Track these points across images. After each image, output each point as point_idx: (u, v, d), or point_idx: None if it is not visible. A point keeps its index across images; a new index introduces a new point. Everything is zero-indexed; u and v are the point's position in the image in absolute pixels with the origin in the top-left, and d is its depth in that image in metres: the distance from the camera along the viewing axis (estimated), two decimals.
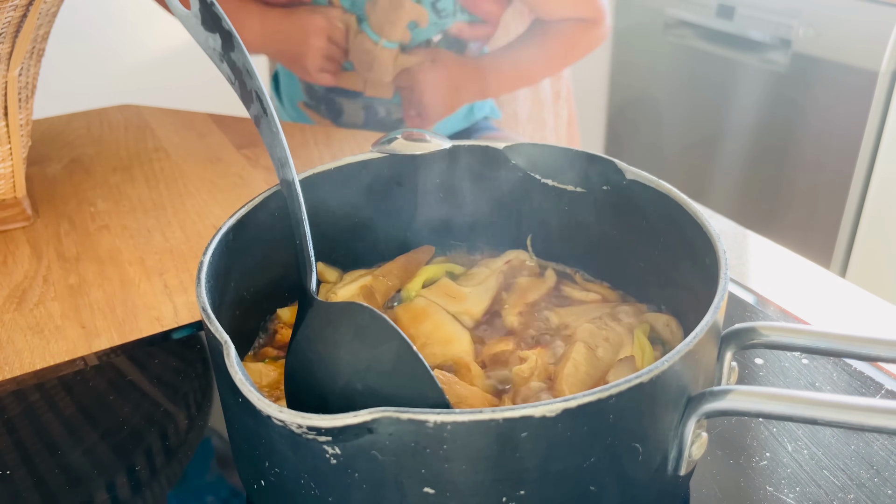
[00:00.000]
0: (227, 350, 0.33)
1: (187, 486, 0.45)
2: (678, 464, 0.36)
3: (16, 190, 0.75)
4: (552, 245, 0.54)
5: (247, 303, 0.47)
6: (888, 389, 0.50)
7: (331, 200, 0.51)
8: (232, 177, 0.85)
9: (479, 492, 0.32)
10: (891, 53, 1.46)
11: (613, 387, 0.31)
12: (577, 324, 0.48)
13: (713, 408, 0.34)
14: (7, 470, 0.46)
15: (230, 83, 0.43)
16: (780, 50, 1.66)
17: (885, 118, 1.50)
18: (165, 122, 0.99)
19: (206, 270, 0.40)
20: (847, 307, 0.61)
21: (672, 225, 0.45)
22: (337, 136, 0.95)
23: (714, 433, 0.46)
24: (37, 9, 0.65)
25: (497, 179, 0.53)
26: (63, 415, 0.51)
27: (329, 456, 0.31)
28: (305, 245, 0.42)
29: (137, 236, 0.73)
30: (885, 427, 0.32)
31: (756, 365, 0.53)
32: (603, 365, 0.45)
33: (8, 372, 0.55)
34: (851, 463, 0.44)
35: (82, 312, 0.62)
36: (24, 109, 0.74)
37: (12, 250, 0.72)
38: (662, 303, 0.49)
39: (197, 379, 0.54)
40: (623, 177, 0.48)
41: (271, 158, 0.43)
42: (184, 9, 0.42)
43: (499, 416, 0.30)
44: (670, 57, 1.92)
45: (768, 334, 0.39)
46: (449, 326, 0.48)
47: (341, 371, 0.37)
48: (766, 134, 1.72)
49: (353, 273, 0.54)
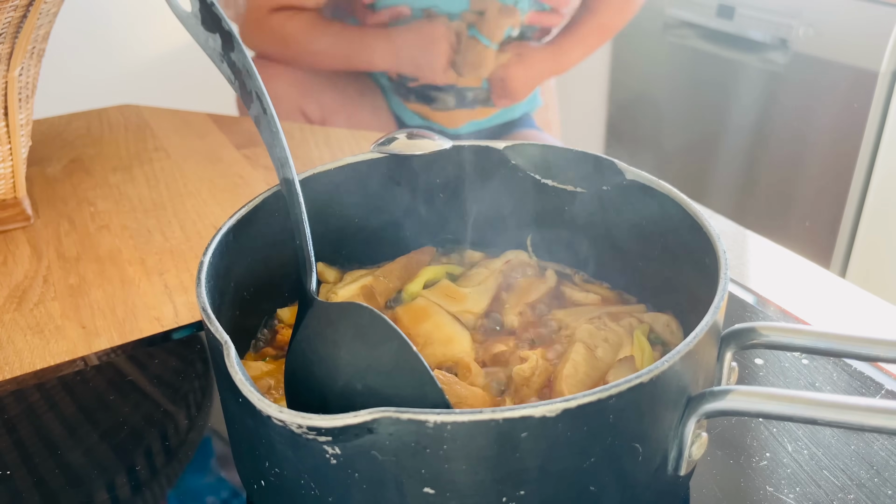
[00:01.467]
0: (227, 350, 0.34)
1: (187, 486, 0.45)
2: (678, 464, 0.36)
3: (16, 190, 0.75)
4: (552, 245, 0.54)
5: (247, 303, 0.47)
6: (888, 389, 0.50)
7: (331, 200, 0.51)
8: (232, 177, 0.85)
9: (479, 492, 0.32)
10: (891, 53, 1.46)
11: (613, 387, 0.31)
12: (577, 324, 0.48)
13: (713, 408, 0.34)
14: (7, 470, 0.46)
15: (230, 83, 0.43)
16: (779, 50, 1.66)
17: (885, 118, 1.50)
18: (165, 122, 0.99)
19: (206, 270, 0.40)
20: (847, 307, 0.61)
21: (672, 225, 0.45)
22: (337, 136, 0.95)
23: (714, 433, 0.46)
24: (37, 9, 0.65)
25: (497, 180, 0.53)
26: (63, 415, 0.51)
27: (329, 456, 0.31)
28: (305, 245, 0.42)
29: (137, 236, 0.73)
30: (885, 427, 0.32)
31: (756, 365, 0.53)
32: (602, 365, 0.45)
33: (8, 372, 0.55)
34: (851, 463, 0.44)
35: (82, 312, 0.62)
36: (24, 109, 0.74)
37: (12, 250, 0.72)
38: (662, 303, 0.49)
39: (197, 379, 0.54)
40: (623, 177, 0.48)
41: (271, 158, 0.43)
42: (184, 9, 0.42)
43: (499, 416, 0.30)
44: (670, 57, 1.92)
45: (768, 334, 0.39)
46: (449, 326, 0.48)
47: (341, 371, 0.37)
48: (766, 134, 1.72)
49: (353, 273, 0.53)
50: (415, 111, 1.24)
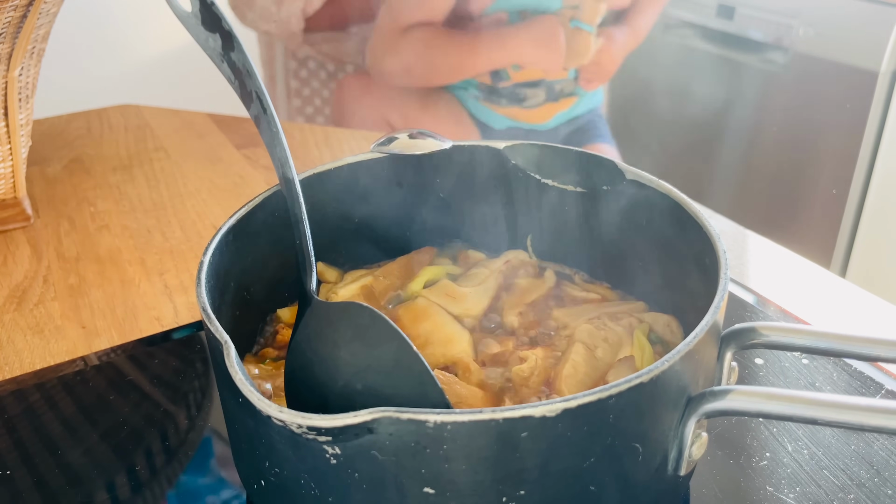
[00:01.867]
0: (227, 350, 0.34)
1: (187, 486, 0.45)
2: (678, 464, 0.36)
3: (16, 190, 0.75)
4: (552, 245, 0.54)
5: (247, 303, 0.47)
6: (888, 389, 0.50)
7: (331, 200, 0.51)
8: (232, 177, 0.85)
9: (479, 492, 0.32)
10: (891, 53, 1.46)
11: (613, 387, 0.31)
12: (576, 324, 0.48)
13: (713, 408, 0.34)
14: (7, 470, 0.46)
15: (230, 83, 0.43)
16: (780, 50, 1.66)
17: (885, 118, 1.50)
18: (165, 122, 0.99)
19: (206, 270, 0.40)
20: (847, 307, 0.61)
21: (672, 225, 0.45)
22: (337, 136, 0.95)
23: (714, 433, 0.46)
24: (37, 9, 0.65)
25: (497, 179, 0.53)
26: (63, 415, 0.51)
27: (329, 456, 0.31)
28: (305, 245, 0.42)
29: (137, 236, 0.73)
30: (885, 427, 0.32)
31: (756, 365, 0.53)
32: (602, 365, 0.45)
33: (8, 372, 0.55)
34: (851, 463, 0.44)
35: (82, 312, 0.62)
36: (24, 109, 0.74)
37: (12, 250, 0.72)
38: (662, 303, 0.49)
39: (197, 379, 0.54)
40: (623, 177, 0.48)
41: (271, 158, 0.43)
42: (184, 9, 0.42)
43: (499, 416, 0.30)
44: (670, 57, 1.92)
45: (768, 334, 0.39)
46: (449, 326, 0.48)
47: (341, 371, 0.37)
48: (766, 134, 1.72)
49: (353, 273, 0.53)
50: (504, 114, 1.28)
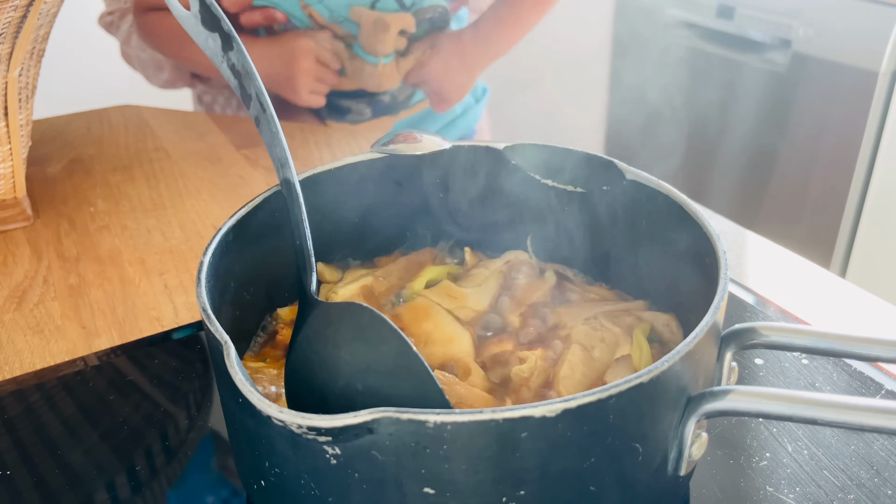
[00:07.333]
0: (227, 350, 0.34)
1: (187, 486, 0.45)
2: (678, 464, 0.36)
3: (16, 190, 0.75)
4: (552, 245, 0.54)
5: (247, 303, 0.47)
6: (888, 389, 0.50)
7: (331, 200, 0.51)
8: (232, 177, 0.85)
9: (479, 492, 0.32)
10: (891, 53, 1.46)
11: (613, 387, 0.31)
12: (574, 324, 0.48)
13: (713, 408, 0.34)
14: (7, 470, 0.46)
15: (230, 83, 0.43)
16: (780, 50, 1.66)
17: (885, 118, 1.50)
18: (165, 122, 0.99)
19: (206, 270, 0.40)
20: (847, 307, 0.61)
21: (672, 225, 0.45)
22: (337, 136, 0.95)
23: (714, 433, 0.46)
24: (37, 9, 0.65)
25: (497, 180, 0.53)
26: (63, 415, 0.51)
27: (329, 456, 0.31)
28: (305, 245, 0.42)
29: (137, 236, 0.73)
30: (885, 427, 0.32)
31: (756, 365, 0.53)
32: (599, 366, 0.45)
33: (8, 372, 0.55)
34: (851, 463, 0.44)
35: (82, 312, 0.62)
36: (24, 109, 0.74)
37: (12, 250, 0.72)
38: (662, 303, 0.49)
39: (197, 379, 0.54)
40: (623, 177, 0.48)
41: (271, 158, 0.43)
42: (184, 9, 0.42)
43: (499, 416, 0.30)
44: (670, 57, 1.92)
45: (768, 334, 0.39)
46: (449, 327, 0.48)
47: (341, 371, 0.37)
48: (766, 134, 1.72)
49: (353, 273, 0.54)
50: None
